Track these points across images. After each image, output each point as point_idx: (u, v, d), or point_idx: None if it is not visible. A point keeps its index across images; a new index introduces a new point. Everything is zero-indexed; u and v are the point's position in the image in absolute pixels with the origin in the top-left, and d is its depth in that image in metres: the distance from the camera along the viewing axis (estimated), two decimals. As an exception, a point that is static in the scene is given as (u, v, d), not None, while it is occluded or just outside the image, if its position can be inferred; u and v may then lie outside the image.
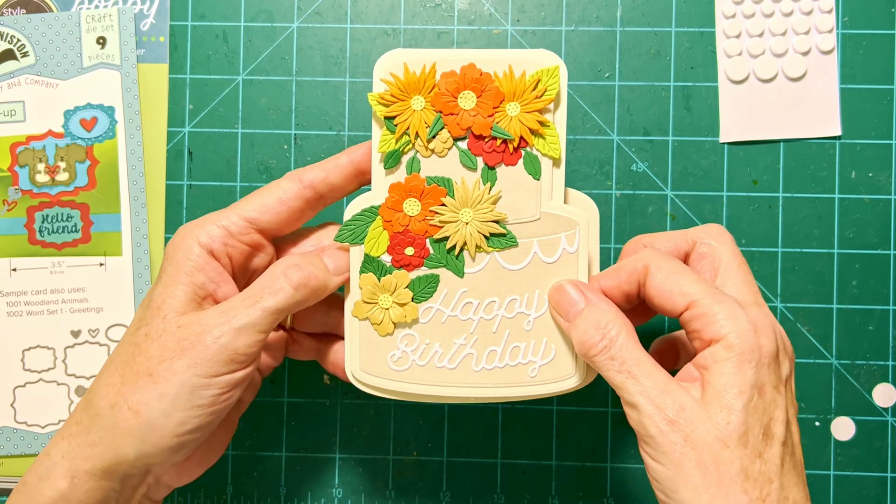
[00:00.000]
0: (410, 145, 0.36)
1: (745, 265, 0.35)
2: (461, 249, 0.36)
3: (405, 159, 0.36)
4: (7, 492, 0.45)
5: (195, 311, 0.33)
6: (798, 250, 0.45)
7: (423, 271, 0.36)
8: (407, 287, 0.36)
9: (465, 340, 0.36)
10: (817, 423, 0.44)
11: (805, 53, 0.44)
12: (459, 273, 0.36)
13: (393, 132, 0.35)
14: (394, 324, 0.36)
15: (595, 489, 0.45)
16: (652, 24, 0.45)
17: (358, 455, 0.45)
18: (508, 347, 0.36)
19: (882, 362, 0.44)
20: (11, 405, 0.45)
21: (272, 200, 0.35)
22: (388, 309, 0.36)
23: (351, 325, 0.37)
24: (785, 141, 0.45)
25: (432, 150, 0.36)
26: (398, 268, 0.36)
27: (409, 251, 0.36)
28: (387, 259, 0.36)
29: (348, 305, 0.37)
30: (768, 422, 0.30)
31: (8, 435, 0.45)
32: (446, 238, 0.36)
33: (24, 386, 0.45)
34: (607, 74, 0.45)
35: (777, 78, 0.45)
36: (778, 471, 0.30)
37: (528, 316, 0.36)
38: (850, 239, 0.45)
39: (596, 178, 0.45)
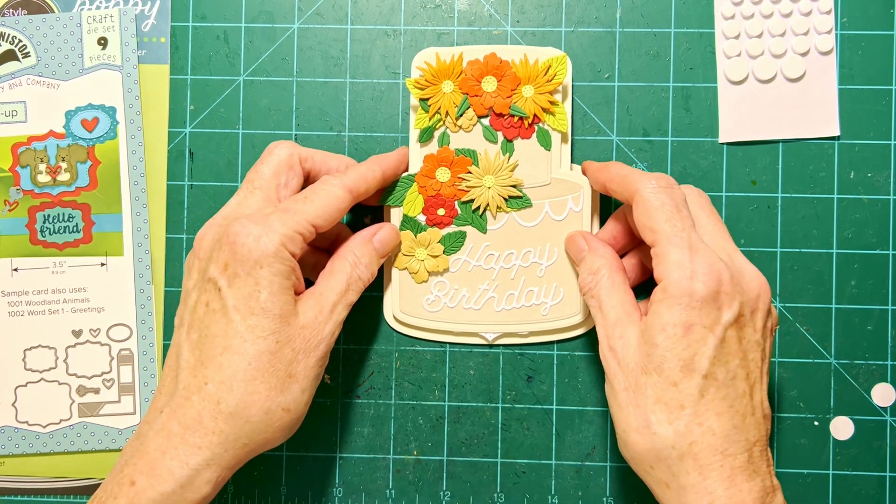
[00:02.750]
0: (441, 122, 0.43)
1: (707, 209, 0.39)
2: (484, 210, 0.43)
3: (437, 134, 0.43)
4: (7, 491, 0.45)
5: (294, 304, 0.37)
6: (797, 250, 0.45)
7: (452, 228, 0.43)
8: (439, 242, 0.43)
9: (488, 286, 0.43)
10: (816, 423, 0.45)
11: (804, 54, 0.45)
12: (483, 230, 0.43)
13: (427, 111, 0.42)
14: (428, 273, 0.43)
15: (595, 489, 0.45)
16: (651, 24, 0.45)
17: (358, 455, 0.45)
18: (524, 291, 0.43)
19: (881, 362, 0.44)
20: (13, 405, 0.45)
21: (332, 210, 0.38)
22: (423, 260, 0.43)
23: (391, 274, 0.44)
24: (784, 141, 0.45)
25: (460, 126, 0.42)
26: (431, 226, 0.43)
27: (441, 212, 0.43)
28: (422, 218, 0.43)
29: (389, 258, 0.43)
30: (691, 356, 0.34)
31: (9, 434, 0.45)
32: (472, 200, 0.43)
33: (25, 385, 0.45)
34: (607, 75, 0.45)
35: (776, 78, 0.45)
36: (695, 400, 0.34)
37: (541, 265, 0.43)
38: (849, 239, 0.45)
39: (595, 179, 0.45)
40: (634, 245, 0.43)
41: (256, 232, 0.36)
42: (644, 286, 0.44)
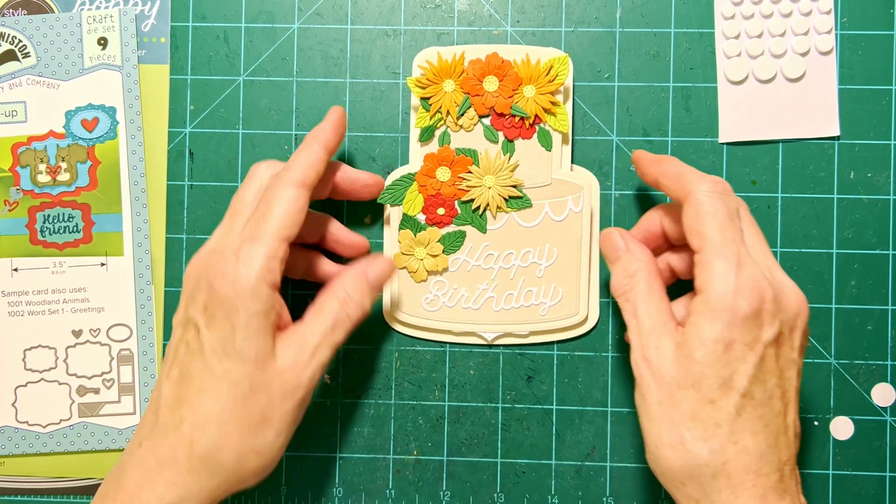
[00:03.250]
0: (442, 121, 0.43)
1: (753, 224, 0.37)
2: (484, 210, 0.43)
3: (438, 133, 0.43)
4: (7, 491, 0.45)
5: (272, 346, 0.36)
6: (797, 250, 0.45)
7: (452, 228, 0.43)
8: (438, 241, 0.43)
9: (487, 286, 0.43)
10: (816, 423, 0.45)
11: (804, 54, 0.45)
12: (483, 230, 0.43)
13: (428, 110, 0.43)
14: (427, 272, 0.43)
15: (595, 489, 0.45)
16: (651, 24, 0.45)
17: (358, 455, 0.45)
18: (523, 291, 0.43)
19: (881, 362, 0.44)
20: (13, 405, 0.45)
21: (294, 214, 0.37)
22: (422, 259, 0.43)
23: None
24: (784, 141, 0.45)
25: (461, 126, 0.43)
26: (431, 225, 0.43)
27: (441, 211, 0.43)
28: (421, 218, 0.43)
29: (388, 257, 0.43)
30: (730, 374, 0.33)
31: (9, 434, 0.45)
32: (472, 200, 0.43)
33: (25, 385, 0.45)
34: (607, 75, 0.45)
35: (776, 79, 0.45)
36: (731, 418, 0.33)
37: (540, 265, 0.43)
38: (849, 239, 0.45)
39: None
40: (665, 248, 0.42)
41: (232, 273, 0.35)
42: (670, 290, 0.44)
